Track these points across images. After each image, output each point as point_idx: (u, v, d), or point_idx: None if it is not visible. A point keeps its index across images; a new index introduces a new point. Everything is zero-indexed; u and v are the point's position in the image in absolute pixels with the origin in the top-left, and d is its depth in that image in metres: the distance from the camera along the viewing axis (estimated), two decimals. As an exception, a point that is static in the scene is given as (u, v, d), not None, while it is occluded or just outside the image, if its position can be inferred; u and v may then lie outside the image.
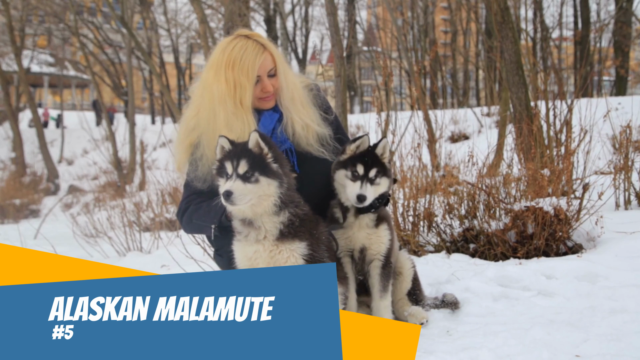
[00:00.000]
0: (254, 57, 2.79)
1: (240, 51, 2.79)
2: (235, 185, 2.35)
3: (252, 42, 2.82)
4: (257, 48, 2.81)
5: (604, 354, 2.20)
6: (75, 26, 18.11)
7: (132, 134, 17.34)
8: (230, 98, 2.76)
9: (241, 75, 2.76)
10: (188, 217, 2.87)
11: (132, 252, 6.16)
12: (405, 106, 28.96)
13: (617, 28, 21.43)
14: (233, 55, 2.78)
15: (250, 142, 2.44)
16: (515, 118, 5.70)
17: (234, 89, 2.76)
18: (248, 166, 2.39)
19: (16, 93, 28.78)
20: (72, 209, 13.53)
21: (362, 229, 2.74)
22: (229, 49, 2.80)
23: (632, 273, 3.18)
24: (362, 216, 2.72)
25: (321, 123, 2.98)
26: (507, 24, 5.71)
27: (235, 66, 2.76)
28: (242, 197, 2.35)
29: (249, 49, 2.80)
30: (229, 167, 2.41)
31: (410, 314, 2.84)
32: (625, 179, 4.83)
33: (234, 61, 2.77)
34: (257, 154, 2.43)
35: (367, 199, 2.59)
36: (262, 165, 2.41)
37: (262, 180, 2.40)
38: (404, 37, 22.25)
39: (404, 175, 4.69)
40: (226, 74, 2.77)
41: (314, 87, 3.09)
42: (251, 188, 2.38)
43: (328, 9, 6.19)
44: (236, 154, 2.42)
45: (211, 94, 2.81)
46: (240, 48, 2.79)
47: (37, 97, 41.74)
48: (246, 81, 2.77)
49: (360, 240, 2.75)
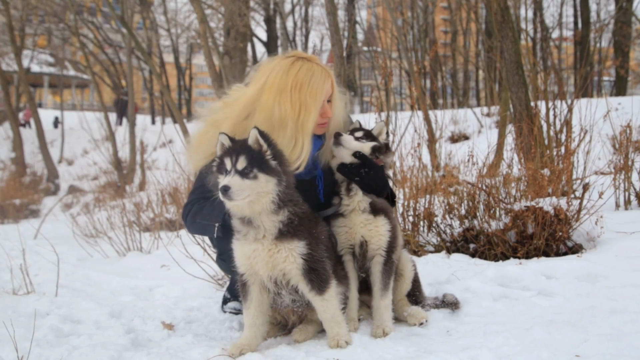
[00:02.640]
0: (322, 81, 2.77)
1: (308, 74, 2.76)
2: (233, 181, 2.35)
3: (317, 66, 2.80)
4: (324, 73, 2.80)
5: (604, 354, 2.20)
6: (75, 26, 18.07)
7: (132, 134, 17.32)
8: (293, 121, 2.71)
9: (308, 98, 2.73)
10: (192, 217, 2.86)
11: (132, 252, 6.15)
12: (405, 106, 28.93)
13: (617, 28, 21.41)
14: (300, 77, 2.74)
15: (249, 138, 2.44)
16: (515, 118, 5.70)
17: (298, 112, 2.72)
18: (247, 162, 2.39)
19: (16, 93, 28.79)
20: (72, 209, 13.52)
21: (358, 214, 2.74)
22: (294, 71, 2.75)
23: (632, 273, 3.18)
24: (355, 196, 2.75)
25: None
26: (507, 23, 5.71)
27: (303, 88, 2.73)
28: (239, 192, 2.35)
29: (317, 73, 2.77)
30: (227, 162, 2.41)
31: (410, 314, 2.84)
32: (625, 179, 4.83)
33: (301, 84, 2.73)
34: (257, 151, 2.43)
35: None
36: (260, 162, 2.41)
37: (261, 176, 2.40)
38: (404, 37, 22.24)
39: (404, 175, 4.69)
40: (292, 97, 2.72)
41: (346, 95, 3.08)
42: (249, 184, 2.38)
43: (328, 8, 6.18)
44: (235, 150, 2.42)
45: (269, 115, 2.73)
46: (307, 71, 2.76)
47: (37, 97, 41.72)
48: (312, 104, 2.74)
49: (359, 232, 2.76)
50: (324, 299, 2.52)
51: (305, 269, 2.49)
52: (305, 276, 2.50)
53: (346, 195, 2.78)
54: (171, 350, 2.67)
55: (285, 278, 2.54)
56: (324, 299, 2.52)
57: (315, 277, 2.50)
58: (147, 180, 13.42)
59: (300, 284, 2.53)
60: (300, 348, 2.57)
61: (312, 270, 2.50)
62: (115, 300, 3.87)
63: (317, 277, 2.50)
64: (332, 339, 2.53)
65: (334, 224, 2.80)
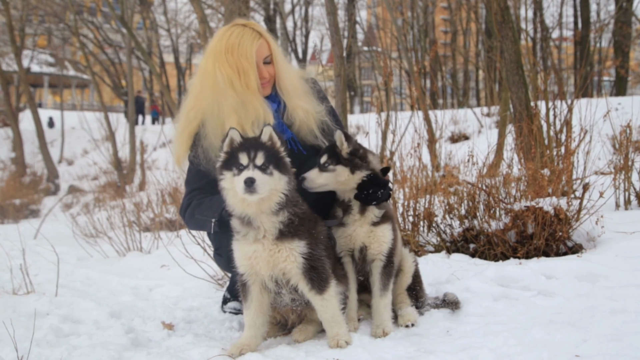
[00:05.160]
0: (250, 41, 2.83)
1: (238, 37, 2.83)
2: (256, 174, 2.34)
3: (249, 29, 2.87)
4: (253, 34, 2.86)
5: (604, 354, 2.20)
6: (75, 26, 18.08)
7: (132, 134, 17.32)
8: (237, 81, 2.78)
9: (242, 59, 2.79)
10: (190, 213, 2.87)
11: (132, 252, 6.15)
12: (405, 106, 28.93)
13: (617, 28, 21.42)
14: (231, 41, 2.82)
15: (263, 135, 2.44)
16: (515, 118, 5.70)
17: (238, 73, 2.78)
18: (265, 158, 2.39)
19: (16, 93, 28.76)
20: (72, 209, 13.51)
21: (365, 225, 2.73)
22: (227, 36, 2.84)
23: (632, 273, 3.18)
24: (368, 212, 2.72)
25: (321, 110, 3.00)
26: (507, 23, 5.71)
27: (235, 51, 2.80)
28: (263, 185, 2.34)
29: (246, 35, 2.84)
30: (243, 158, 2.39)
31: (401, 315, 2.85)
32: (625, 179, 4.83)
33: (232, 47, 2.80)
34: (272, 148, 2.43)
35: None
36: (276, 159, 2.42)
37: (276, 174, 2.41)
38: (404, 37, 22.22)
39: (404, 175, 4.69)
40: (228, 59, 2.79)
41: (310, 80, 3.12)
42: (268, 180, 2.38)
43: (328, 8, 6.18)
44: (253, 145, 2.41)
45: (214, 81, 2.82)
46: (237, 34, 2.84)
47: (37, 97, 41.71)
48: (248, 65, 2.80)
49: (360, 239, 2.75)
50: (324, 298, 2.52)
51: (306, 268, 2.49)
52: (305, 275, 2.50)
53: (359, 214, 2.74)
54: (171, 350, 2.67)
55: (285, 277, 2.54)
56: (323, 299, 2.52)
57: (316, 276, 2.50)
58: (147, 180, 13.42)
59: (300, 283, 2.53)
60: (300, 348, 2.57)
61: (312, 269, 2.50)
62: (115, 300, 3.87)
63: (317, 276, 2.50)
64: (332, 339, 2.53)
65: (334, 231, 2.78)
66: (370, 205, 2.71)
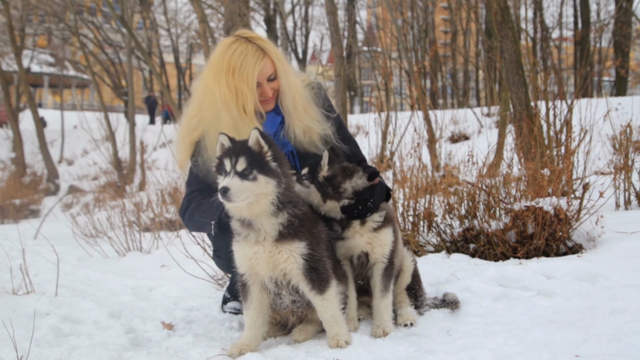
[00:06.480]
0: (253, 64, 2.77)
1: (240, 57, 2.77)
2: (232, 182, 2.34)
3: (252, 46, 2.80)
4: (257, 54, 2.79)
5: (604, 354, 2.19)
6: (75, 26, 18.07)
7: (132, 134, 17.32)
8: (234, 104, 2.76)
9: (241, 83, 2.75)
10: (190, 214, 2.88)
11: (132, 252, 6.15)
12: (405, 106, 28.93)
13: (617, 28, 21.45)
14: (233, 61, 2.76)
15: (250, 139, 2.43)
16: (515, 118, 5.70)
17: (236, 96, 2.76)
18: (247, 164, 2.38)
19: (16, 93, 28.75)
20: (72, 209, 13.50)
21: (366, 233, 2.73)
22: (229, 54, 2.78)
23: (632, 273, 3.18)
24: (368, 221, 2.71)
25: (323, 122, 2.98)
26: (507, 23, 5.71)
27: (235, 73, 2.76)
28: (238, 194, 2.34)
29: (249, 55, 2.78)
30: (227, 164, 2.40)
31: (400, 315, 2.85)
32: (625, 179, 4.82)
33: (233, 68, 2.76)
34: (257, 152, 2.42)
35: None
36: (261, 164, 2.40)
37: (261, 178, 2.39)
38: (404, 37, 22.22)
39: (404, 175, 4.69)
40: (227, 80, 2.76)
41: (316, 86, 3.08)
42: (249, 185, 2.37)
43: (328, 8, 6.18)
44: (235, 151, 2.41)
45: (213, 97, 2.80)
46: (240, 54, 2.78)
47: (37, 97, 41.71)
48: (247, 89, 2.77)
49: (359, 248, 2.75)
50: (325, 298, 2.52)
51: (306, 268, 2.49)
52: (306, 276, 2.50)
53: (360, 226, 2.72)
54: (171, 350, 2.67)
55: (285, 278, 2.53)
56: (324, 299, 2.52)
57: (316, 276, 2.50)
58: (147, 180, 13.42)
59: (300, 283, 2.53)
60: (300, 348, 2.56)
61: (313, 269, 2.49)
62: (115, 300, 3.87)
63: (317, 276, 2.50)
64: (332, 339, 2.53)
65: (334, 242, 2.76)
66: (367, 217, 2.71)
